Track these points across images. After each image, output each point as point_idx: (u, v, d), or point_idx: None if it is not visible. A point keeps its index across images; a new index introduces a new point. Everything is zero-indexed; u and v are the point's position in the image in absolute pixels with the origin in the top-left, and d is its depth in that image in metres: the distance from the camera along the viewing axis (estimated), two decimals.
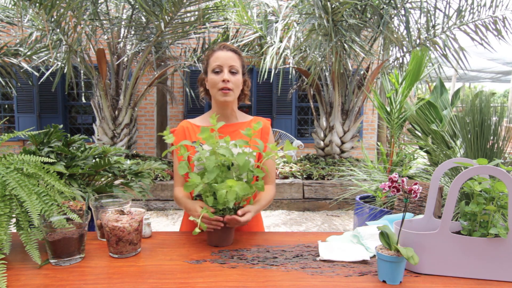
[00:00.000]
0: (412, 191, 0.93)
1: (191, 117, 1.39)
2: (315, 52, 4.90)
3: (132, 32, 5.36)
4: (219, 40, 5.92)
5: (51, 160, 1.20)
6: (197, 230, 1.10)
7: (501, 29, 4.77)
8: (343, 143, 5.53)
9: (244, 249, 1.17)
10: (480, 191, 1.04)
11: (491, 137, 2.28)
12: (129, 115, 5.37)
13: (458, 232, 1.06)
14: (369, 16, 5.00)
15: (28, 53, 4.75)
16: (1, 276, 0.92)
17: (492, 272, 0.98)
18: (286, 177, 5.07)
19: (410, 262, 0.91)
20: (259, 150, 1.22)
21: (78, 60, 4.95)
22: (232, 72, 1.37)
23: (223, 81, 1.35)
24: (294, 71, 5.98)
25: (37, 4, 3.89)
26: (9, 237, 1.00)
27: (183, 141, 1.22)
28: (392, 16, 4.86)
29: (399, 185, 0.94)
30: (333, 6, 4.17)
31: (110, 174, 1.65)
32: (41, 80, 5.64)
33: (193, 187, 1.12)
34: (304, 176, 5.09)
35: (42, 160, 1.16)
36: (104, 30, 5.11)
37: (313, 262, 1.08)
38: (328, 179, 4.95)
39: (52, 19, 4.13)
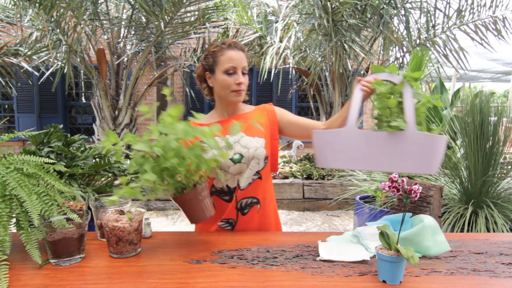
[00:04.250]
0: (412, 191, 0.93)
1: (191, 117, 1.36)
2: (315, 52, 4.90)
3: (132, 32, 5.36)
4: (219, 40, 5.91)
5: (51, 161, 1.20)
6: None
7: (501, 29, 4.76)
8: None
9: (244, 249, 1.17)
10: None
11: (491, 137, 2.28)
12: (129, 115, 5.37)
13: None
14: (369, 16, 4.99)
15: (28, 53, 4.74)
16: (3, 277, 0.92)
17: (394, 164, 1.05)
18: (286, 177, 5.07)
19: (410, 262, 0.91)
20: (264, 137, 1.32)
21: (78, 60, 4.95)
22: (243, 73, 1.37)
23: (238, 83, 1.35)
24: (294, 71, 5.98)
25: (37, 4, 3.88)
26: (10, 237, 1.00)
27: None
28: (392, 16, 4.86)
29: (399, 185, 0.94)
30: (333, 6, 4.17)
31: (110, 174, 1.66)
32: (41, 80, 5.63)
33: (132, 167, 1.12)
34: (304, 176, 5.09)
35: (42, 161, 1.16)
36: (104, 30, 5.10)
37: (313, 262, 1.08)
38: (328, 179, 4.95)
39: (52, 19, 4.13)
